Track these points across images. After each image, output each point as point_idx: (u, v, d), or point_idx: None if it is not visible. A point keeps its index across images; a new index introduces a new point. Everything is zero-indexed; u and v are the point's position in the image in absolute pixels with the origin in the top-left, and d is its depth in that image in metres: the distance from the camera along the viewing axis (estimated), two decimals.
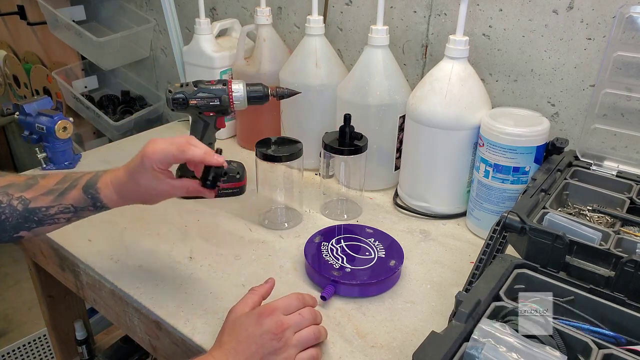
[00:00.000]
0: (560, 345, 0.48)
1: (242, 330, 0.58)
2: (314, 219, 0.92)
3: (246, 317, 0.59)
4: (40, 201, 0.64)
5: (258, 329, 0.57)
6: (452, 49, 0.83)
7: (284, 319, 0.59)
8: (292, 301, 0.61)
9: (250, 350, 0.56)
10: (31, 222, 0.63)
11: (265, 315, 0.58)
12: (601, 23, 0.82)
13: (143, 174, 0.64)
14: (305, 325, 0.60)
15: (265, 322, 0.58)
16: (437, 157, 0.87)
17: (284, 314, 0.60)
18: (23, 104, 1.02)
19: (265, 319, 0.58)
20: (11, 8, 1.86)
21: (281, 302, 0.61)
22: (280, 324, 0.58)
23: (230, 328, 0.59)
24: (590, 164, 0.80)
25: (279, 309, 0.59)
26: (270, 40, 1.10)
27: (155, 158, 0.64)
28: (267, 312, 0.59)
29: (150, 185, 0.65)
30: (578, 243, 0.60)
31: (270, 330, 0.57)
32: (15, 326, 1.97)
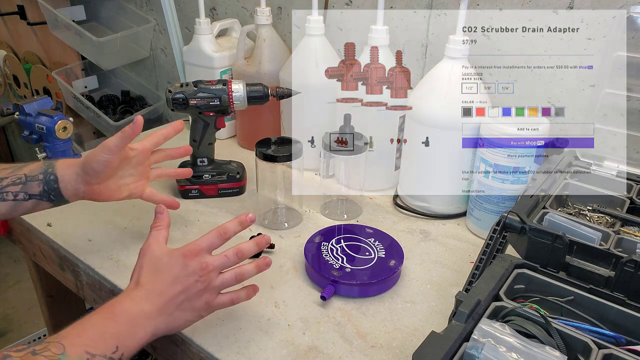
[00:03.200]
0: (560, 345, 0.48)
1: (166, 271, 0.57)
2: (314, 219, 0.92)
3: (169, 257, 0.58)
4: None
5: (184, 270, 0.57)
6: (452, 49, 0.83)
7: (209, 261, 0.58)
8: (214, 239, 0.60)
9: (175, 291, 0.56)
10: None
11: (191, 256, 0.58)
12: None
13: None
14: (229, 266, 0.60)
15: (191, 264, 0.57)
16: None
17: (208, 253, 0.59)
18: (23, 104, 1.02)
19: (191, 260, 0.57)
20: (11, 8, 1.86)
21: (204, 241, 0.60)
22: (206, 266, 0.58)
23: (151, 268, 0.58)
24: (590, 164, 0.80)
25: (204, 249, 0.59)
26: (270, 40, 1.10)
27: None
28: (193, 253, 0.58)
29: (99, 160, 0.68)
30: (578, 243, 0.60)
31: (196, 272, 0.57)
32: (15, 326, 1.97)
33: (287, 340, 0.65)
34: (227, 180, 0.98)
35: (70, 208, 0.93)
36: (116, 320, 0.53)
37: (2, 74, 2.11)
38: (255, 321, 0.68)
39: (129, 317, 0.54)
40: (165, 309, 0.57)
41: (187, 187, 0.97)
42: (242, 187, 1.00)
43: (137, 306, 0.55)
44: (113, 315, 0.54)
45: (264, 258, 0.64)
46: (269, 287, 0.75)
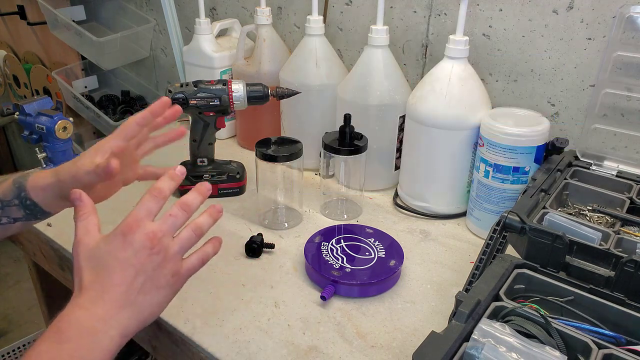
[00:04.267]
0: (560, 345, 0.48)
1: (110, 259, 0.48)
2: (314, 219, 0.92)
3: (107, 243, 0.49)
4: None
5: (129, 248, 0.48)
6: (452, 49, 0.83)
7: (154, 228, 0.49)
8: (150, 203, 0.51)
9: (128, 276, 0.47)
10: None
11: (131, 230, 0.49)
12: (601, 23, 0.82)
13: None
14: (180, 225, 0.52)
15: (135, 238, 0.48)
16: (437, 157, 0.87)
17: (149, 220, 0.50)
18: (23, 104, 1.02)
19: (133, 235, 0.49)
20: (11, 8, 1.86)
21: (139, 208, 0.51)
22: (153, 234, 0.49)
23: (90, 264, 0.48)
24: (590, 164, 0.80)
25: (143, 218, 0.50)
26: (270, 40, 1.10)
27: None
28: (131, 227, 0.49)
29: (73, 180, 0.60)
30: (578, 243, 0.60)
31: (145, 245, 0.48)
32: (15, 326, 1.97)
33: (287, 340, 0.65)
34: (227, 180, 0.98)
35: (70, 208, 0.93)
36: (67, 340, 0.44)
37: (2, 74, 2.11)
38: (255, 321, 0.68)
39: (82, 330, 0.45)
40: (124, 302, 0.47)
41: (187, 187, 0.96)
42: (242, 187, 1.00)
43: (88, 312, 0.46)
44: (61, 335, 0.44)
45: (213, 205, 0.55)
46: (269, 287, 0.75)
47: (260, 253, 0.81)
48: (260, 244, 0.81)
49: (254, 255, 0.81)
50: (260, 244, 0.81)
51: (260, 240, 0.82)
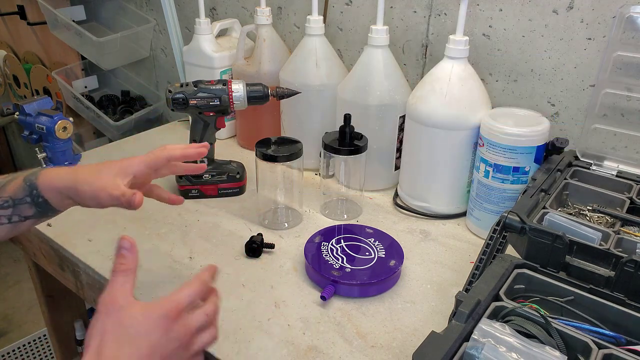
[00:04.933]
0: (560, 345, 0.48)
1: (142, 338, 0.46)
2: (314, 219, 0.92)
3: (145, 318, 0.47)
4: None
5: (164, 337, 0.47)
6: (452, 49, 0.83)
7: (191, 323, 0.49)
8: (196, 294, 0.51)
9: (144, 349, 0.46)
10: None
11: (173, 319, 0.48)
12: (601, 23, 0.82)
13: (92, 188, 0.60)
14: (208, 326, 0.52)
15: (174, 328, 0.48)
16: (437, 157, 0.87)
17: (189, 311, 0.50)
18: (23, 104, 1.02)
19: (173, 325, 0.48)
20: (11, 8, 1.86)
21: (185, 297, 0.50)
22: (189, 330, 0.49)
23: (118, 333, 0.46)
24: (590, 164, 0.80)
25: (185, 309, 0.49)
26: (270, 40, 1.10)
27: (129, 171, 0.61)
28: (174, 316, 0.48)
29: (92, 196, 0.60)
30: (578, 243, 0.60)
31: (179, 338, 0.48)
32: (15, 326, 1.97)
33: (287, 340, 0.65)
34: (227, 180, 0.98)
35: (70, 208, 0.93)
36: None
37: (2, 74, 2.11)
38: (255, 321, 0.68)
39: None
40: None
41: (187, 187, 0.97)
42: (242, 187, 1.00)
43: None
44: None
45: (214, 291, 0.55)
46: (269, 287, 0.75)
47: (260, 253, 0.81)
48: (260, 244, 0.81)
49: (254, 255, 0.81)
50: (260, 244, 0.81)
51: (260, 240, 0.82)
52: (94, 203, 0.60)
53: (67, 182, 0.61)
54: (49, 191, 0.61)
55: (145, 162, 0.63)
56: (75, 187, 0.60)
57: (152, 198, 0.70)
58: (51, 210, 0.63)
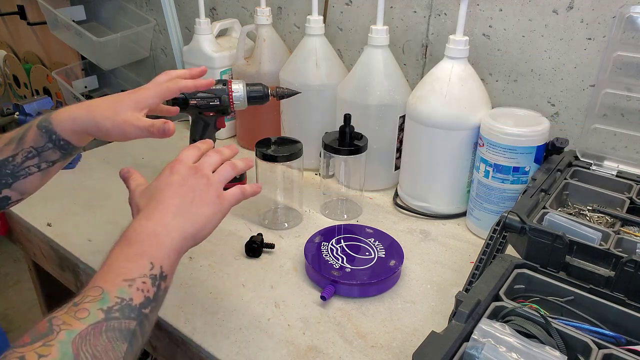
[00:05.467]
0: (560, 345, 0.48)
1: (160, 185, 0.55)
2: (314, 219, 0.92)
3: (157, 179, 0.56)
4: (5, 152, 0.62)
5: (176, 175, 0.55)
6: (452, 49, 0.83)
7: (196, 164, 0.57)
8: (189, 151, 0.59)
9: (179, 192, 0.54)
10: (6, 177, 0.61)
11: (175, 164, 0.56)
12: (601, 23, 0.82)
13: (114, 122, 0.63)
14: (217, 164, 0.59)
15: (180, 169, 0.56)
16: (437, 157, 0.87)
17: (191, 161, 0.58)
18: (23, 104, 1.02)
19: (178, 167, 0.56)
20: (11, 8, 1.86)
21: (180, 155, 0.58)
22: (195, 166, 0.57)
23: (144, 196, 0.55)
24: (590, 164, 0.80)
25: (184, 158, 0.58)
26: (270, 40, 1.10)
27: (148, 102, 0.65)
28: (176, 162, 0.57)
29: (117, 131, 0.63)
30: (578, 243, 0.60)
31: (189, 172, 0.56)
32: (15, 326, 1.97)
33: (287, 340, 0.65)
34: None
35: (70, 208, 0.93)
36: (135, 242, 0.50)
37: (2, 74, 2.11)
38: (255, 321, 0.68)
39: (146, 233, 0.51)
40: (178, 210, 0.53)
41: None
42: None
43: (149, 220, 0.52)
44: (129, 241, 0.50)
45: (248, 158, 0.64)
46: (269, 287, 0.75)
47: (260, 253, 0.81)
48: (260, 244, 0.81)
49: (254, 255, 0.81)
50: (260, 244, 0.81)
51: (260, 240, 0.82)
52: (119, 136, 0.63)
53: (84, 121, 0.62)
54: (68, 133, 0.63)
55: (159, 94, 0.66)
56: (95, 124, 0.62)
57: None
58: (74, 149, 0.65)
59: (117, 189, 1.00)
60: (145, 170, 1.08)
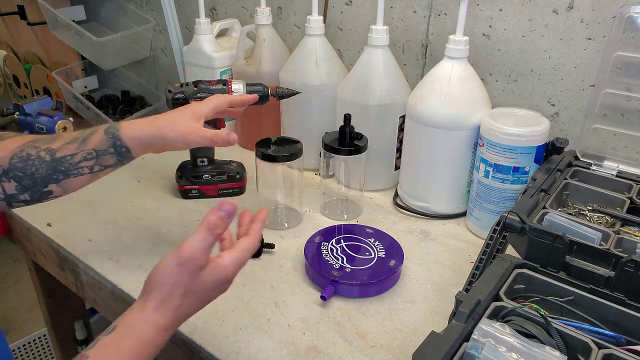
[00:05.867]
0: (560, 345, 0.48)
1: (205, 298, 0.55)
2: (314, 219, 0.92)
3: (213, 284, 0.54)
4: (65, 150, 0.64)
5: (221, 291, 0.56)
6: (452, 49, 0.83)
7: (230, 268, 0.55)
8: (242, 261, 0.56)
9: (201, 307, 0.55)
10: (58, 173, 0.64)
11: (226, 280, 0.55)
12: (601, 23, 0.82)
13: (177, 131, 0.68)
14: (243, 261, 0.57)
15: (225, 287, 0.56)
16: (437, 157, 0.87)
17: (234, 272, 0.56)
18: (23, 104, 1.02)
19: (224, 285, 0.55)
20: (11, 8, 1.86)
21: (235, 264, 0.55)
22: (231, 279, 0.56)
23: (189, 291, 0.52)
24: (590, 164, 0.80)
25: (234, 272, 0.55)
26: (270, 40, 1.10)
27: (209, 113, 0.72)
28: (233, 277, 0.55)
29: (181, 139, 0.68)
30: (578, 243, 0.60)
31: (223, 289, 0.56)
32: (15, 326, 1.97)
33: (287, 340, 0.65)
34: (227, 180, 0.98)
35: (70, 208, 0.93)
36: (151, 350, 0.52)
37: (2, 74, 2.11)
38: (255, 321, 0.68)
39: (154, 351, 0.53)
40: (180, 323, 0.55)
41: (187, 187, 0.97)
42: (242, 187, 1.00)
43: (162, 337, 0.53)
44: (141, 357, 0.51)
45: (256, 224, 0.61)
46: (269, 287, 0.75)
47: (260, 253, 0.81)
48: (260, 244, 0.81)
49: (254, 255, 0.81)
50: (260, 244, 0.81)
51: (261, 240, 0.82)
52: (182, 145, 0.69)
53: (151, 131, 0.67)
54: (132, 141, 0.66)
55: (213, 106, 0.73)
56: (161, 135, 0.67)
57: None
58: (129, 158, 0.68)
59: (117, 189, 1.00)
60: (145, 170, 1.08)
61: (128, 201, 0.96)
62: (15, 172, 0.62)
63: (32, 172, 0.63)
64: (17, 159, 0.63)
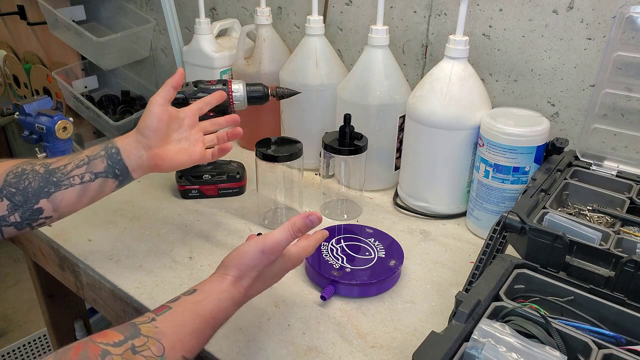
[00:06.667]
0: (560, 345, 0.48)
1: (270, 282, 0.61)
2: None
3: (281, 270, 0.61)
4: (60, 162, 0.66)
5: (277, 277, 0.62)
6: (452, 49, 0.83)
7: (294, 262, 0.63)
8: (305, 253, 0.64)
9: (264, 288, 0.61)
10: (50, 185, 0.64)
11: (290, 266, 0.62)
12: (601, 23, 0.82)
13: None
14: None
15: (288, 267, 0.62)
16: (437, 157, 0.87)
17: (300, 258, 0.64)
18: (23, 104, 1.02)
19: (288, 266, 0.62)
20: (11, 8, 1.86)
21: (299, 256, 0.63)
22: (295, 262, 0.63)
23: (264, 276, 0.60)
24: (590, 164, 0.80)
25: (298, 261, 0.63)
26: (270, 40, 1.10)
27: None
28: (292, 264, 0.62)
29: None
30: (578, 243, 0.60)
31: (283, 272, 0.62)
32: (15, 326, 1.97)
33: (287, 340, 0.65)
34: (227, 180, 0.98)
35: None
36: (214, 327, 0.54)
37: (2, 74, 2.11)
38: (255, 321, 0.68)
39: (224, 320, 0.56)
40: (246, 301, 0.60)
41: (187, 187, 0.97)
42: (242, 187, 1.00)
43: (233, 309, 0.57)
44: (214, 322, 0.54)
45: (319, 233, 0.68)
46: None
47: None
48: None
49: None
50: None
51: None
52: (155, 114, 0.70)
53: (144, 156, 0.69)
54: (123, 139, 0.69)
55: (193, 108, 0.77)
56: (138, 124, 0.69)
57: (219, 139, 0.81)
58: (119, 166, 0.68)
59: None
60: None
61: (128, 201, 0.96)
62: (8, 188, 0.62)
63: (24, 186, 0.63)
64: (12, 175, 0.63)
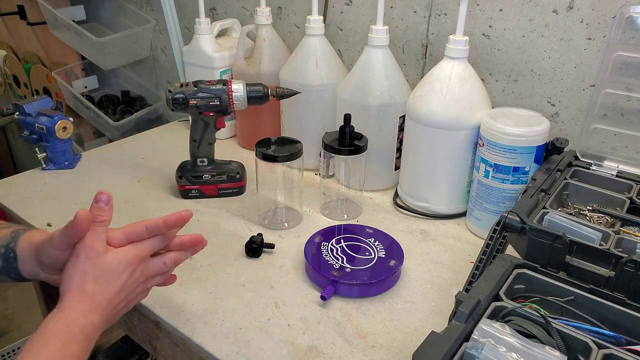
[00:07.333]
0: (560, 345, 0.48)
1: (114, 279, 0.57)
2: (314, 219, 0.92)
3: (117, 263, 0.57)
4: None
5: (130, 278, 0.58)
6: (452, 49, 0.83)
7: (150, 269, 0.61)
8: (157, 245, 0.61)
9: (121, 298, 0.58)
10: None
11: (137, 265, 0.59)
12: (601, 23, 0.82)
13: None
14: (163, 272, 0.63)
15: (137, 272, 0.59)
16: (437, 157, 0.87)
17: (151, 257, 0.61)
18: (23, 104, 1.02)
19: (137, 269, 0.59)
20: (11, 8, 1.86)
21: (148, 248, 0.60)
22: (148, 274, 0.61)
23: (97, 274, 0.55)
24: (590, 164, 0.80)
25: (147, 256, 0.61)
26: (270, 40, 1.10)
27: None
28: (138, 262, 0.59)
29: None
30: (578, 243, 0.60)
31: (140, 279, 0.60)
32: (15, 326, 1.97)
33: (287, 340, 0.65)
34: (227, 180, 0.98)
35: (70, 208, 0.93)
36: (76, 342, 0.52)
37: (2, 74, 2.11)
38: (255, 321, 0.68)
39: (86, 335, 0.53)
40: (110, 317, 0.57)
41: (187, 187, 0.97)
42: (242, 187, 1.00)
43: (89, 320, 0.54)
44: (73, 337, 0.52)
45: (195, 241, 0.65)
46: (269, 287, 0.75)
47: (260, 253, 0.81)
48: (260, 244, 0.81)
49: (254, 255, 0.81)
50: (260, 244, 0.81)
51: (260, 240, 0.82)
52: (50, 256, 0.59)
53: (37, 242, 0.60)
54: (25, 247, 0.61)
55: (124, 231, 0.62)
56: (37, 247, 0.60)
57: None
58: (14, 272, 0.61)
59: (117, 189, 1.00)
60: (144, 171, 1.08)
61: (128, 201, 0.96)
62: None
63: None
64: None
